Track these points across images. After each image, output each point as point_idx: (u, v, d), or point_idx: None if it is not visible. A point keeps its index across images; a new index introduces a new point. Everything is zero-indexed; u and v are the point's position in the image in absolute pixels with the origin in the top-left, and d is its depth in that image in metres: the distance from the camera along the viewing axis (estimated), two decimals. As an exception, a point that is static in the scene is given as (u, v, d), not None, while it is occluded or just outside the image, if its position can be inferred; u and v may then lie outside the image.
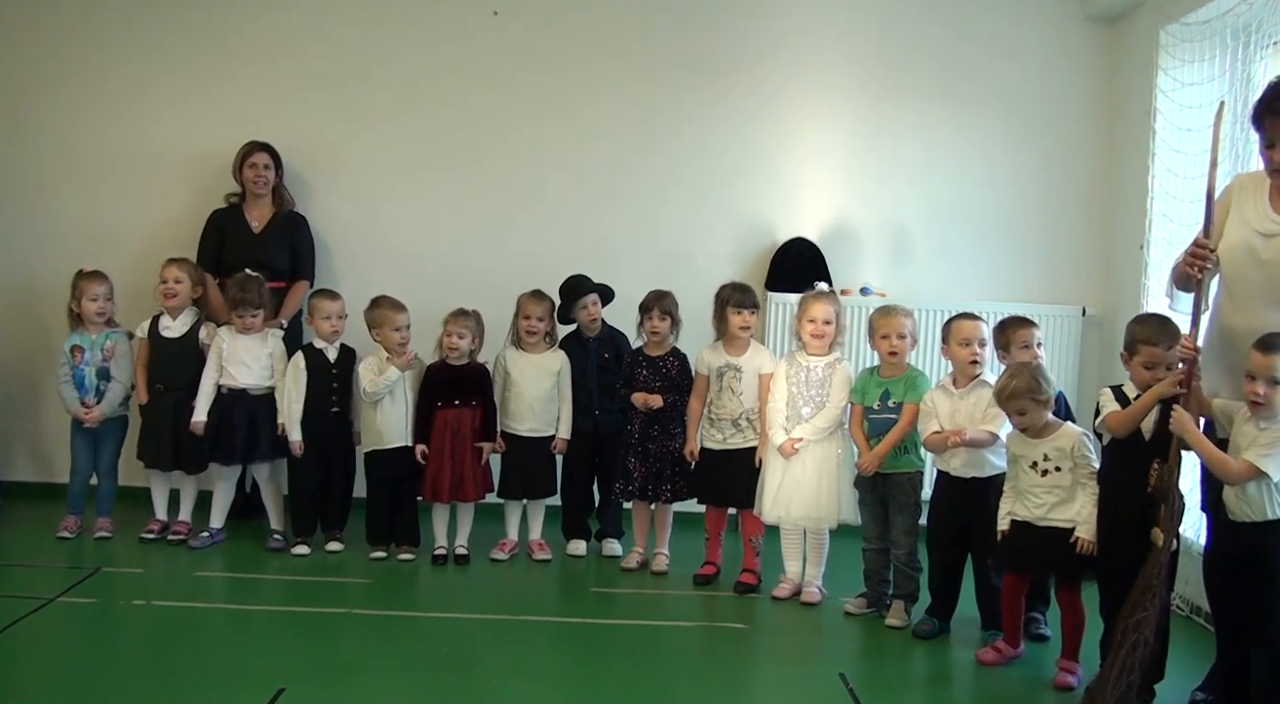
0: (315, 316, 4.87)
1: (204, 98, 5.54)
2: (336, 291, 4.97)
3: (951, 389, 4.10)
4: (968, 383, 4.08)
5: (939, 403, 4.12)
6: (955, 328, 4.15)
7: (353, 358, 4.89)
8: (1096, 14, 5.49)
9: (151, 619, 3.98)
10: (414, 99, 5.59)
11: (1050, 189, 5.59)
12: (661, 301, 4.76)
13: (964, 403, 4.05)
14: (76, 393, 4.89)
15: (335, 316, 4.86)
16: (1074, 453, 3.63)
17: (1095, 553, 3.54)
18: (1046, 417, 3.70)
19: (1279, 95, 3.13)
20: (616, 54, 5.60)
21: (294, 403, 4.77)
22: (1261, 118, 3.17)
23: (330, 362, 4.84)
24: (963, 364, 4.10)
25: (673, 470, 4.73)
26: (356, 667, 3.62)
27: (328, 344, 4.86)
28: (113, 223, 5.49)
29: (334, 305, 4.87)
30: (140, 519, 4.96)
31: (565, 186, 5.62)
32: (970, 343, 4.08)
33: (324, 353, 4.85)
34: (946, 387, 4.13)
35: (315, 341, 4.88)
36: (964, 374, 4.10)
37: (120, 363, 4.95)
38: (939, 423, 4.08)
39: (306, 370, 4.79)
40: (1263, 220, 3.23)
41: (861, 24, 5.60)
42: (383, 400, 4.76)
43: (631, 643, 3.98)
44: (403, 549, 4.81)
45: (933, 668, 3.90)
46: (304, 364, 4.80)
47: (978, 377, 4.07)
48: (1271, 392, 3.03)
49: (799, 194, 5.62)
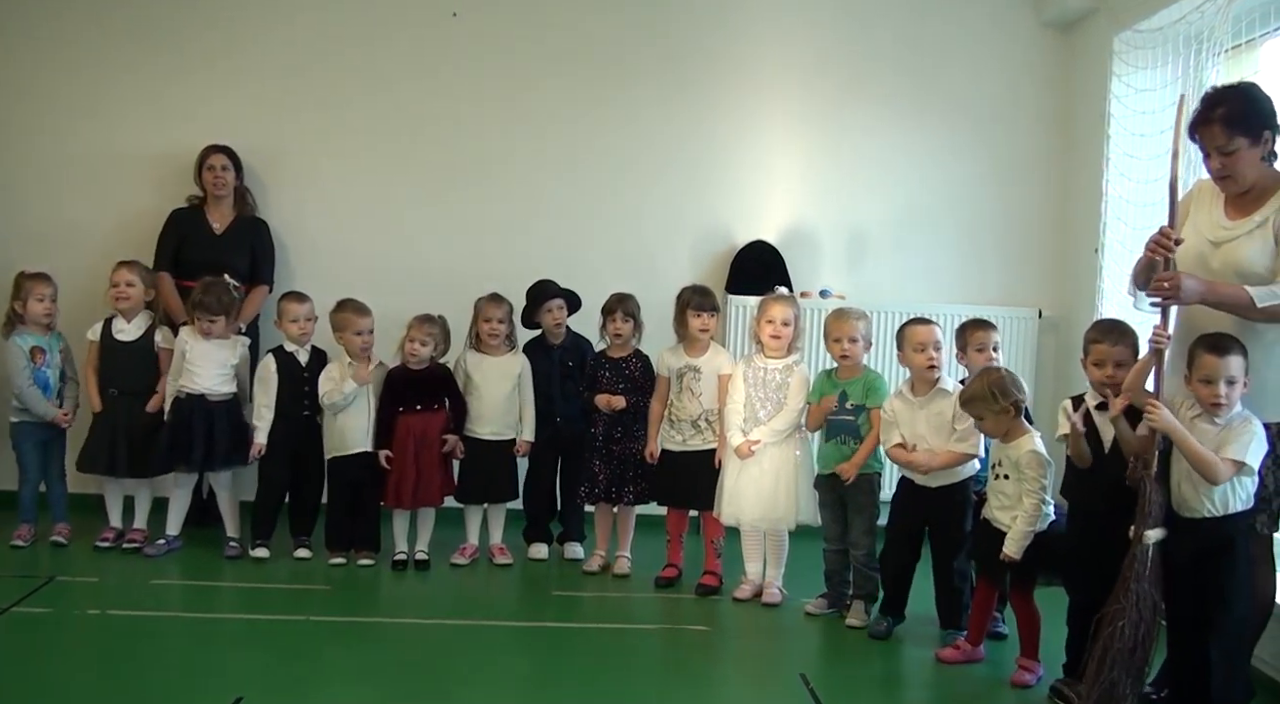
0: (284, 319, 4.82)
1: (163, 99, 5.48)
2: (305, 294, 4.93)
3: (910, 396, 4.12)
4: (927, 389, 4.10)
5: (899, 411, 4.13)
6: (910, 333, 4.15)
7: (325, 360, 4.85)
8: (1051, 21, 5.57)
9: (107, 629, 3.91)
10: (374, 101, 5.56)
11: (1007, 193, 5.66)
12: (624, 304, 4.77)
13: (924, 412, 4.07)
14: (43, 395, 4.81)
15: (304, 319, 4.81)
16: (1020, 464, 3.66)
17: (1014, 565, 3.61)
18: (1009, 424, 3.72)
19: (1208, 107, 3.21)
20: (577, 58, 5.61)
21: (263, 407, 4.72)
22: (1194, 130, 3.25)
23: (302, 365, 4.80)
24: (920, 370, 4.11)
25: (636, 473, 4.73)
26: (315, 675, 3.58)
27: (298, 347, 4.81)
28: (69, 223, 5.41)
29: (302, 308, 4.82)
30: (94, 527, 4.88)
31: (526, 189, 5.61)
32: (926, 348, 4.08)
33: (295, 356, 4.80)
34: (905, 394, 4.14)
35: (286, 345, 4.83)
36: (922, 380, 4.12)
37: (72, 365, 4.91)
38: (900, 434, 4.10)
39: (278, 374, 4.74)
40: (1214, 228, 3.29)
41: (819, 30, 5.64)
42: (347, 409, 4.73)
43: (594, 646, 3.98)
44: (362, 554, 4.77)
45: (893, 667, 3.93)
46: (275, 367, 4.75)
47: (936, 382, 4.10)
48: (1230, 391, 3.09)
49: (758, 198, 5.65)
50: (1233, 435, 3.08)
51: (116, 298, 4.84)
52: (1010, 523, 3.65)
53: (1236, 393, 3.10)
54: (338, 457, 4.76)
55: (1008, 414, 3.69)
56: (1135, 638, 3.18)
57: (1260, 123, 3.17)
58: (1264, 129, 3.16)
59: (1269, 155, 3.20)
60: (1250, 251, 3.17)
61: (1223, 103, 3.19)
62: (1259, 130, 3.16)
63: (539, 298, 4.95)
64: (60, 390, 4.87)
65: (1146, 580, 3.19)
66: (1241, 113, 3.16)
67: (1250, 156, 3.17)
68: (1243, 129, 3.15)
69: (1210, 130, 3.19)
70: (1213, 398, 3.10)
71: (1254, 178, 3.20)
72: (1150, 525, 3.19)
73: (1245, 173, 3.19)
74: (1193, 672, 3.18)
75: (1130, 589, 3.19)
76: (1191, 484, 3.13)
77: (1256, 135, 3.15)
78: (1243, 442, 3.06)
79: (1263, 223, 3.17)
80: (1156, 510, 3.20)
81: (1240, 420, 3.11)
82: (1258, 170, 3.19)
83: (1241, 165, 3.18)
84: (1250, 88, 3.31)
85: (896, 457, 4.11)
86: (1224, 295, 3.14)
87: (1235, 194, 3.26)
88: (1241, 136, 3.14)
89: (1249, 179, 3.20)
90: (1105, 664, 3.20)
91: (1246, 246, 3.18)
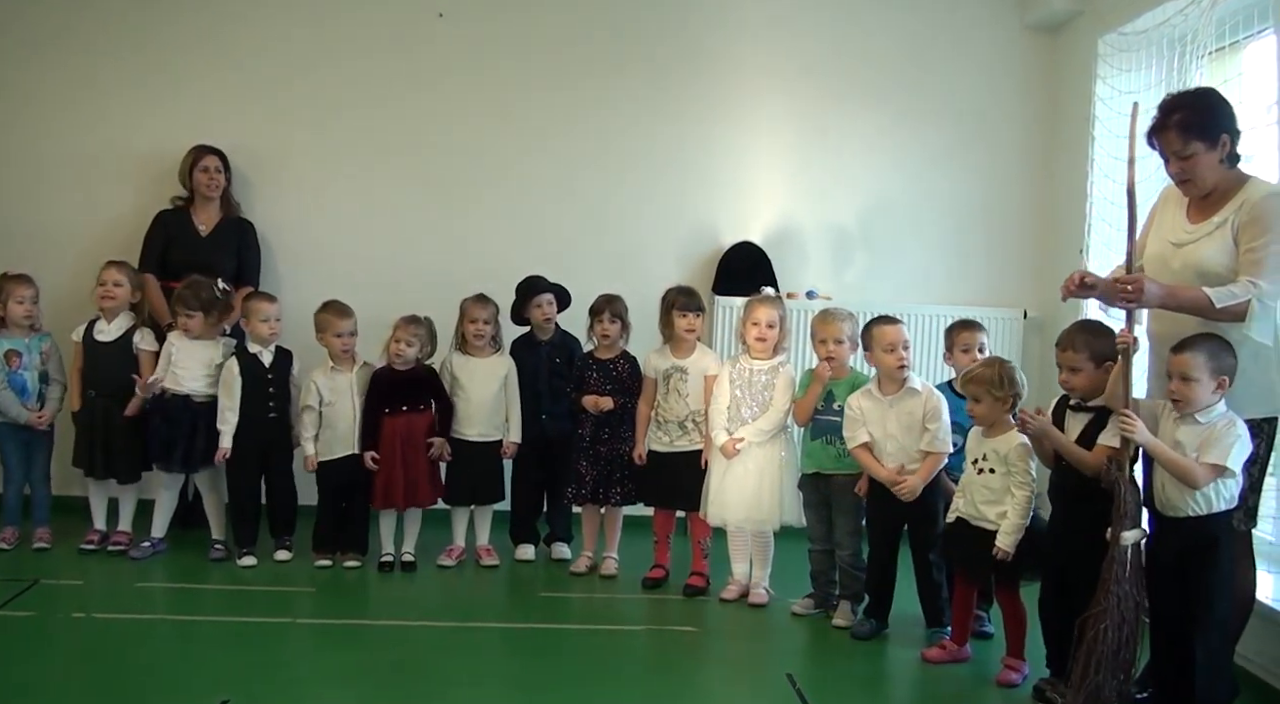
0: (253, 319, 4.79)
1: (146, 99, 5.46)
2: (272, 294, 4.92)
3: (878, 395, 4.11)
4: (896, 388, 4.10)
5: (867, 411, 4.12)
6: (879, 334, 4.14)
7: (289, 361, 4.82)
8: (1036, 23, 5.59)
9: (91, 632, 3.90)
10: (359, 100, 5.55)
11: (992, 194, 5.69)
12: (611, 305, 4.77)
13: (893, 411, 4.08)
14: (18, 398, 4.78)
15: (274, 319, 4.78)
16: (1008, 458, 3.67)
17: (1009, 561, 3.62)
18: (1000, 415, 3.74)
19: (1165, 113, 3.25)
20: (563, 58, 5.61)
21: (227, 410, 4.68)
22: (1153, 136, 3.29)
23: (265, 366, 4.76)
24: (890, 370, 4.11)
25: (622, 473, 4.73)
26: (301, 677, 3.58)
27: (262, 348, 4.78)
28: (52, 224, 5.39)
29: (271, 308, 4.79)
30: (78, 530, 4.86)
31: (512, 190, 5.61)
32: (895, 348, 4.10)
33: (258, 357, 4.76)
34: (874, 393, 4.13)
35: (249, 346, 4.79)
36: (892, 379, 4.12)
37: (57, 366, 4.88)
38: (868, 432, 4.10)
39: (241, 376, 4.70)
40: (1176, 231, 3.34)
41: (806, 33, 5.66)
42: (329, 410, 4.72)
43: (581, 647, 3.98)
44: (349, 556, 4.76)
45: (879, 667, 3.94)
46: (238, 370, 4.71)
47: (905, 382, 4.10)
48: (1184, 387, 3.12)
49: (745, 198, 5.67)
50: (1215, 438, 3.10)
51: (102, 297, 4.81)
52: (997, 518, 3.66)
53: (1195, 391, 3.12)
54: (325, 461, 4.74)
55: (1004, 404, 3.72)
56: (1119, 640, 3.20)
57: (1217, 127, 3.20)
58: (1221, 132, 3.20)
59: (1229, 158, 3.23)
60: (1209, 252, 3.22)
61: (1179, 109, 3.24)
62: (1216, 134, 3.19)
63: (529, 292, 4.95)
64: (41, 392, 4.84)
65: (1128, 581, 3.20)
66: (1197, 118, 3.20)
67: (1208, 160, 3.20)
68: (1198, 133, 3.19)
69: (1167, 136, 3.24)
70: (1169, 394, 3.16)
71: (1214, 181, 3.24)
72: (1126, 527, 3.22)
73: (1204, 176, 3.23)
74: (1177, 670, 3.19)
75: (1111, 591, 3.20)
76: (1175, 483, 3.15)
77: (1213, 139, 3.19)
78: (1224, 445, 3.08)
79: (1221, 224, 3.22)
80: (1132, 511, 3.22)
81: (1224, 423, 3.13)
82: (1217, 173, 3.23)
83: (1200, 169, 3.22)
84: (1207, 93, 3.39)
85: (861, 458, 4.12)
86: (1183, 299, 3.18)
87: (1197, 197, 3.30)
88: (1197, 141, 3.19)
89: (1209, 182, 3.24)
90: (1090, 667, 3.22)
91: (1206, 248, 3.22)
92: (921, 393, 4.06)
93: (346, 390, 4.74)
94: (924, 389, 4.08)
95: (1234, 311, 3.09)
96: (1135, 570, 3.21)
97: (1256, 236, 3.12)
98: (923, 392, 4.06)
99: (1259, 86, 4.12)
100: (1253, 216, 3.14)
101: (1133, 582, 3.21)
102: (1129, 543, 3.21)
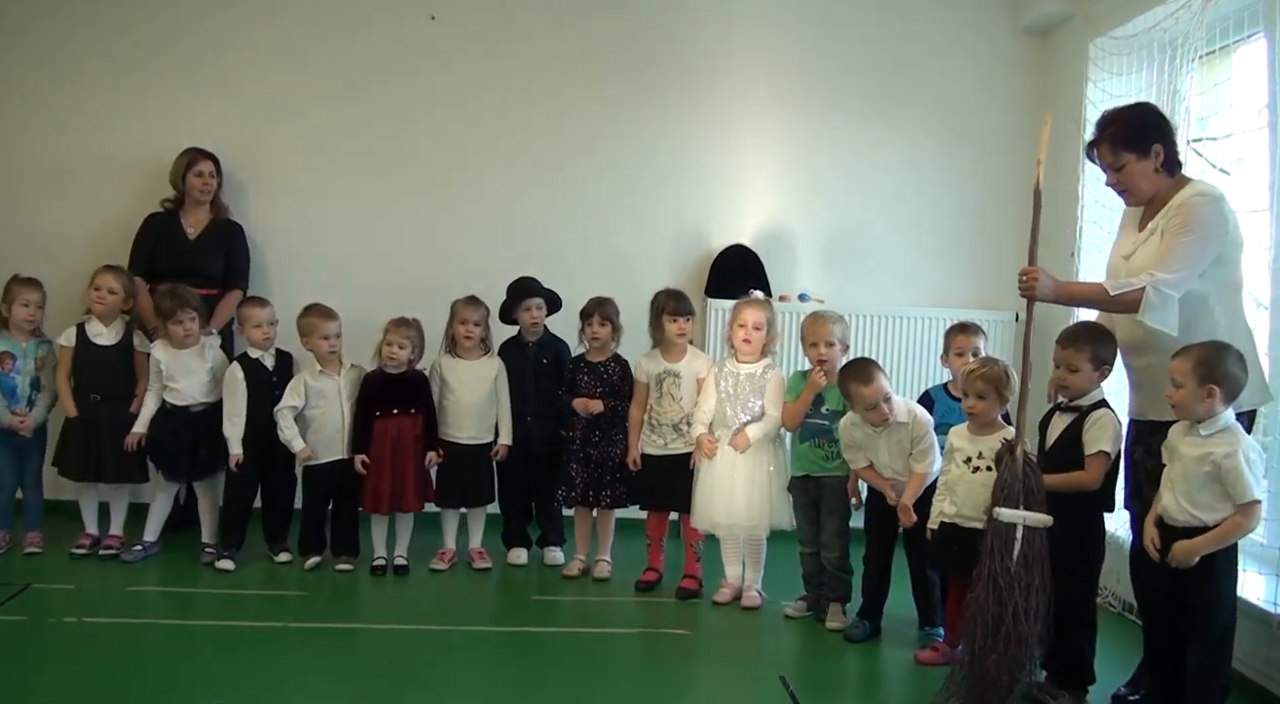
0: (246, 325, 4.78)
1: (136, 102, 5.46)
2: (265, 298, 4.91)
3: (868, 429, 4.09)
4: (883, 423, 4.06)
5: (860, 440, 4.13)
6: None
7: (290, 363, 4.82)
8: (1028, 27, 5.61)
9: (84, 636, 3.88)
10: (351, 104, 5.55)
11: (984, 196, 5.69)
12: (602, 308, 4.77)
13: (883, 441, 4.08)
14: (6, 402, 4.76)
15: (266, 323, 4.77)
16: None
17: None
18: (996, 414, 3.79)
19: (1100, 128, 3.44)
20: (555, 60, 5.61)
21: (234, 415, 4.67)
22: (1091, 150, 3.49)
23: (269, 370, 4.76)
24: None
25: (613, 476, 4.73)
26: (293, 681, 3.57)
27: (263, 352, 4.78)
28: (41, 227, 5.38)
29: (264, 312, 4.78)
30: (70, 533, 4.85)
31: (503, 193, 5.61)
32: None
33: (261, 361, 4.76)
34: (862, 426, 4.10)
35: (250, 351, 4.79)
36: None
37: (50, 373, 4.85)
38: (866, 457, 4.13)
39: (245, 381, 4.69)
40: (1125, 244, 3.49)
41: (798, 36, 5.66)
42: (317, 414, 4.71)
43: (574, 651, 3.98)
44: (341, 559, 4.75)
45: (871, 668, 3.95)
46: (242, 375, 4.70)
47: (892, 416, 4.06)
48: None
49: (737, 201, 5.67)
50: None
51: (97, 302, 4.79)
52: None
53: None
54: (313, 465, 4.73)
55: (1004, 403, 3.80)
56: (1000, 616, 3.26)
57: (1147, 138, 3.34)
58: (1152, 142, 3.34)
59: (1165, 166, 3.36)
60: (1147, 257, 3.31)
61: (1111, 123, 3.41)
62: (1146, 145, 3.34)
63: (519, 294, 4.94)
64: (31, 396, 4.82)
65: (1015, 562, 3.29)
66: (1127, 132, 3.37)
67: (1141, 169, 3.36)
68: (1127, 145, 3.35)
69: (1101, 150, 3.43)
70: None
71: (1151, 189, 3.38)
72: (1005, 503, 3.34)
73: (1140, 186, 3.38)
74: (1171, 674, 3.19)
75: (985, 564, 3.33)
76: (1173, 493, 3.13)
77: (1144, 150, 3.34)
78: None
79: (1154, 230, 3.34)
80: (1017, 490, 3.34)
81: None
82: (1154, 182, 3.37)
83: (1135, 179, 3.38)
84: (1138, 107, 3.58)
85: (867, 477, 4.16)
86: (1076, 293, 3.59)
87: (1139, 206, 3.45)
88: (1128, 152, 3.35)
89: (1145, 191, 3.39)
90: (966, 636, 3.37)
91: (1145, 253, 3.33)
92: (907, 424, 4.06)
93: (334, 394, 4.73)
94: (909, 417, 4.08)
95: (1127, 300, 3.22)
96: (1029, 553, 3.29)
97: (1174, 232, 3.25)
98: (908, 423, 4.06)
99: (1250, 90, 4.13)
100: (1176, 215, 3.27)
101: (1023, 564, 3.29)
102: (1005, 520, 3.32)
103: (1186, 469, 3.10)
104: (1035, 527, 3.32)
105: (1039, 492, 3.36)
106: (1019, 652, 3.27)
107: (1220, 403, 3.07)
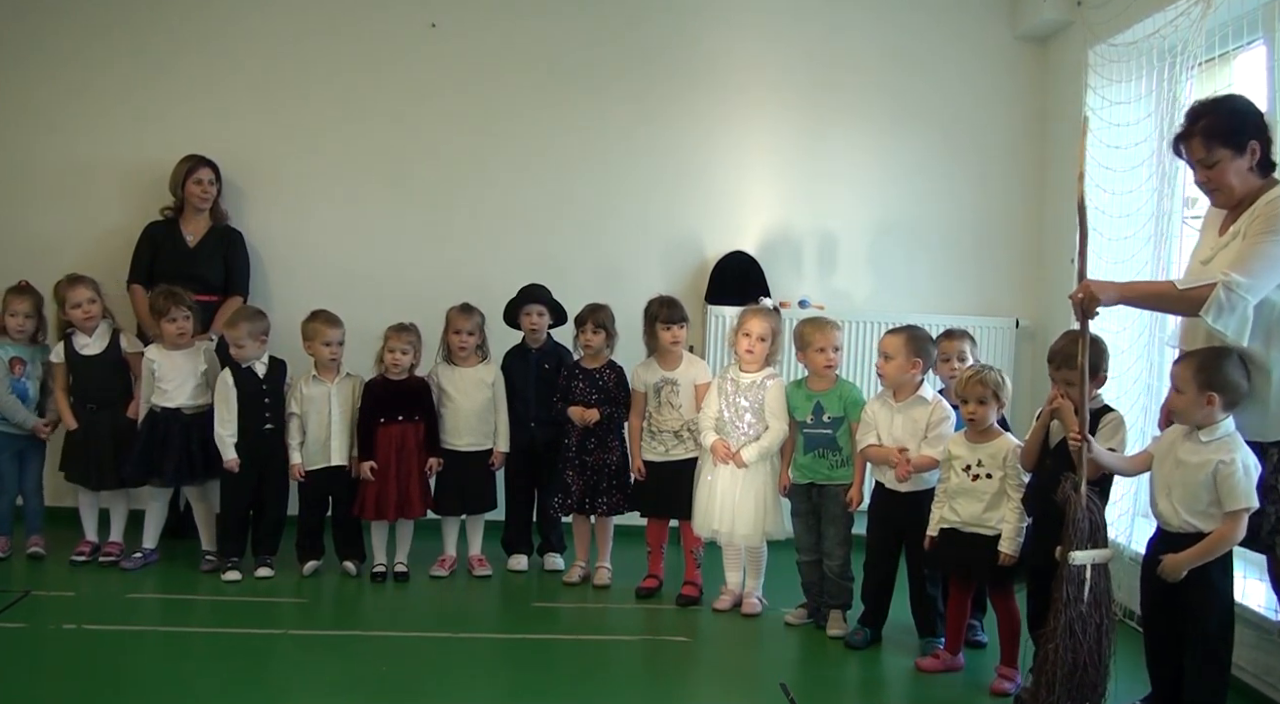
0: (232, 347, 4.69)
1: (137, 110, 5.46)
2: (261, 309, 4.89)
3: (891, 402, 4.12)
4: (908, 395, 4.08)
5: (878, 415, 4.14)
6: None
7: (283, 371, 4.80)
8: (1027, 34, 5.62)
9: (82, 644, 3.88)
10: (350, 111, 5.55)
11: (984, 203, 5.71)
12: (595, 315, 4.76)
13: (901, 416, 4.08)
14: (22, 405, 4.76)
15: (248, 337, 4.67)
16: (1005, 462, 3.70)
17: (1014, 564, 3.65)
18: (993, 421, 3.78)
19: (1191, 121, 3.17)
20: (554, 68, 5.61)
21: (226, 422, 4.65)
22: (1178, 144, 3.23)
23: (260, 377, 4.73)
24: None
25: (609, 483, 4.73)
26: (293, 688, 3.57)
27: (254, 360, 4.75)
28: (42, 235, 5.37)
29: (240, 331, 4.66)
30: (70, 541, 4.84)
31: (502, 200, 5.61)
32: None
33: (252, 369, 4.72)
34: (887, 400, 4.13)
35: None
36: (905, 386, 4.11)
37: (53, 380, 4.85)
38: (877, 435, 4.12)
39: (236, 387, 4.67)
40: (1205, 249, 3.26)
41: (797, 44, 5.67)
42: (307, 421, 4.70)
43: (574, 658, 3.97)
44: (347, 563, 4.75)
45: (872, 676, 3.94)
46: (232, 381, 4.67)
47: (917, 389, 4.09)
48: (1175, 398, 3.17)
49: (737, 208, 5.67)
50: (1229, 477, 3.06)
51: (83, 317, 4.74)
52: (997, 524, 3.68)
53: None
54: (307, 471, 4.72)
55: (1001, 408, 3.79)
56: (1074, 662, 3.15)
57: (1243, 132, 3.10)
58: (1249, 140, 3.09)
59: (1259, 166, 3.13)
60: (1227, 262, 3.08)
61: (1204, 116, 3.14)
62: (1242, 141, 3.09)
63: (522, 299, 4.95)
64: (40, 403, 4.82)
65: (1085, 604, 3.16)
66: (1223, 124, 3.10)
67: (1236, 168, 3.10)
68: (1223, 140, 3.09)
69: (1192, 144, 3.15)
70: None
71: (1243, 190, 3.13)
72: (1077, 546, 3.18)
73: (1232, 184, 3.12)
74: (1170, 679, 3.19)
75: (1063, 612, 3.16)
76: (1168, 499, 3.13)
77: (1240, 146, 3.09)
78: (1223, 491, 3.05)
79: (1237, 233, 3.12)
80: (1085, 530, 3.19)
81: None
82: (1246, 182, 3.12)
83: (1226, 177, 3.11)
84: (1233, 99, 3.25)
85: (871, 455, 4.13)
86: (1143, 291, 3.29)
87: (1226, 207, 3.20)
88: (1222, 148, 3.09)
89: (1237, 191, 3.13)
90: (1042, 687, 3.20)
91: (1225, 258, 3.09)
92: (930, 402, 4.06)
93: (324, 401, 4.72)
94: (934, 400, 4.09)
95: (1194, 297, 2.99)
96: (1097, 591, 3.17)
97: (1256, 233, 3.01)
98: (931, 401, 4.07)
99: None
100: (1259, 216, 3.04)
101: (1091, 603, 3.17)
102: (1079, 563, 3.18)
103: (1186, 476, 3.09)
104: (1101, 562, 3.22)
105: (1102, 528, 3.24)
106: (1092, 695, 3.20)
107: (1219, 410, 3.06)
